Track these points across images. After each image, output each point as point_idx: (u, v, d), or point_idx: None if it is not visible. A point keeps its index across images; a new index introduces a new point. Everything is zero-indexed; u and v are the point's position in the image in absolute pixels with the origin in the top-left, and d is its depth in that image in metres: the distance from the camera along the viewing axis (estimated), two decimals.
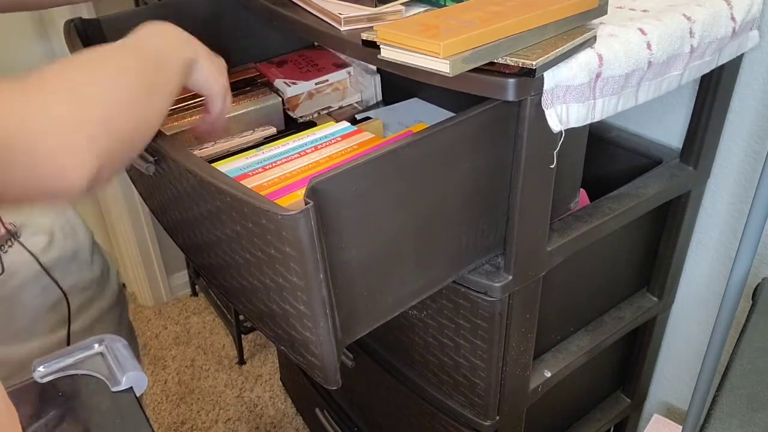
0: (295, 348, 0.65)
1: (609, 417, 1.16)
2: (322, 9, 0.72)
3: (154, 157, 0.66)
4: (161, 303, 2.09)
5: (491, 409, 0.85)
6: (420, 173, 0.60)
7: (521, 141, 0.64)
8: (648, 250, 0.99)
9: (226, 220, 0.60)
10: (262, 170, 0.74)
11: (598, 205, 0.83)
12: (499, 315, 0.75)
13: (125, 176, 0.97)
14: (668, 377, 1.21)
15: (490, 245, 0.73)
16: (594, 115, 0.65)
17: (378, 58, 0.62)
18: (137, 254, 1.95)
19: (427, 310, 0.82)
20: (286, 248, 0.54)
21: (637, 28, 0.65)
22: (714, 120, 0.87)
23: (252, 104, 0.96)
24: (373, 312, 0.65)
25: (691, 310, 1.11)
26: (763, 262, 0.96)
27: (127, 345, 0.62)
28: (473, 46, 0.56)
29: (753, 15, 0.75)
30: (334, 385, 0.64)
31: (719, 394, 0.63)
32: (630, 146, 1.00)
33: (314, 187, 0.53)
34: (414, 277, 0.66)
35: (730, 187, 0.96)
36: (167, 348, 1.92)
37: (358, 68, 1.11)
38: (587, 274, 0.91)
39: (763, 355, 0.67)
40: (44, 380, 0.59)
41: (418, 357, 0.90)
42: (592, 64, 0.61)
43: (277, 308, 0.62)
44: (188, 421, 1.69)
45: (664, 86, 0.70)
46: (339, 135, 0.80)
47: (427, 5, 0.72)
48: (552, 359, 0.92)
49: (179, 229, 0.78)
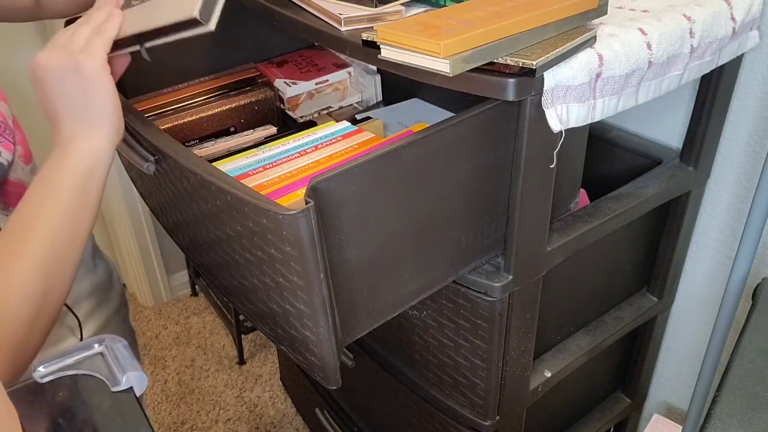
0: (295, 348, 0.65)
1: (609, 417, 1.16)
2: (322, 9, 0.72)
3: (154, 157, 0.66)
4: (161, 303, 2.09)
5: (491, 409, 0.85)
6: (420, 173, 0.60)
7: (521, 141, 0.64)
8: (648, 250, 0.99)
9: (227, 220, 0.60)
10: (262, 170, 0.74)
11: (598, 205, 0.83)
12: (499, 315, 0.75)
13: (125, 176, 0.97)
14: (668, 377, 1.21)
15: (490, 245, 0.73)
16: (594, 115, 0.65)
17: (378, 58, 0.62)
18: (137, 254, 1.95)
19: (427, 310, 0.82)
20: (287, 248, 0.54)
21: (637, 28, 0.65)
22: (714, 120, 0.87)
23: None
24: (373, 312, 0.65)
25: (691, 310, 1.11)
26: (763, 262, 0.96)
27: (127, 345, 0.62)
28: (473, 46, 0.56)
29: (753, 15, 0.75)
30: (334, 384, 0.64)
31: (719, 394, 0.63)
32: (630, 146, 1.00)
33: (315, 186, 0.53)
34: (414, 276, 0.66)
35: (730, 187, 0.96)
36: (167, 348, 1.92)
37: (358, 68, 1.11)
38: (587, 275, 0.91)
39: (763, 355, 0.67)
40: (44, 380, 0.59)
41: (418, 357, 0.90)
42: (592, 64, 0.61)
43: (277, 308, 0.62)
44: (188, 421, 1.69)
45: (664, 86, 0.70)
46: (339, 135, 0.80)
47: (427, 5, 0.72)
48: (552, 359, 0.92)
49: (179, 228, 0.78)
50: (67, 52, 0.56)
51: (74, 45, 0.57)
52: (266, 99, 1.00)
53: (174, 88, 0.99)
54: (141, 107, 0.93)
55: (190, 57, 0.56)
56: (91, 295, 0.85)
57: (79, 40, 0.57)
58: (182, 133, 0.94)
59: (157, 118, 0.93)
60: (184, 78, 1.00)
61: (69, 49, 0.56)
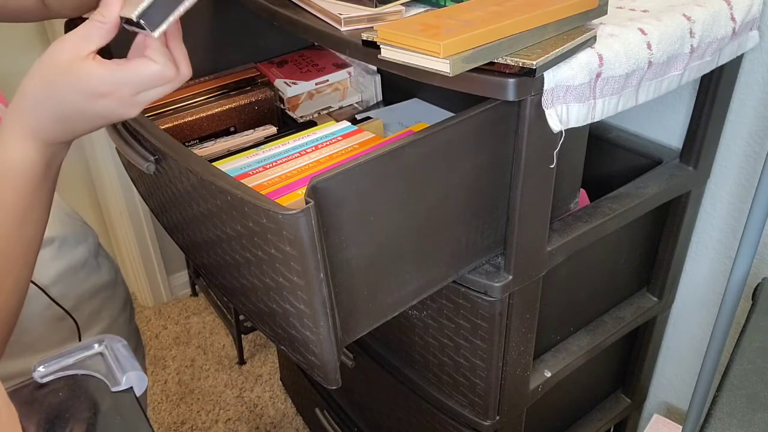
0: (295, 347, 0.65)
1: (609, 417, 1.16)
2: (322, 9, 0.72)
3: (154, 156, 0.66)
4: (161, 303, 2.09)
5: (491, 409, 0.85)
6: (420, 173, 0.60)
7: (521, 141, 0.64)
8: (648, 250, 0.99)
9: (227, 220, 0.60)
10: (262, 169, 0.74)
11: (598, 205, 0.83)
12: (499, 315, 0.75)
13: (125, 176, 0.97)
14: (668, 377, 1.21)
15: (490, 245, 0.73)
16: (594, 115, 0.65)
17: (378, 58, 0.62)
18: (137, 254, 1.95)
19: (427, 310, 0.82)
20: (287, 247, 0.54)
21: (637, 28, 0.65)
22: (714, 120, 0.87)
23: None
24: (374, 311, 0.65)
25: (691, 310, 1.11)
26: (763, 262, 0.96)
27: (127, 345, 0.62)
28: (473, 46, 0.56)
29: (753, 15, 0.75)
30: (334, 384, 0.64)
31: (719, 394, 0.63)
32: (630, 146, 1.00)
33: (315, 186, 0.53)
34: (414, 276, 0.66)
35: (730, 187, 0.96)
36: (167, 348, 1.92)
37: (358, 68, 1.11)
38: (587, 275, 0.91)
39: (763, 355, 0.67)
40: (44, 380, 0.59)
41: (418, 357, 0.90)
42: (592, 64, 0.61)
43: (277, 307, 0.62)
44: (188, 421, 1.69)
45: (664, 86, 0.70)
46: (339, 134, 0.80)
47: (427, 5, 0.72)
48: (552, 359, 0.92)
49: (179, 228, 0.78)
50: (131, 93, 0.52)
51: (142, 96, 0.53)
52: (266, 99, 1.00)
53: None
54: None
55: (190, 57, 0.55)
56: (95, 295, 0.84)
57: (151, 94, 0.53)
58: (182, 133, 0.94)
59: (157, 118, 0.93)
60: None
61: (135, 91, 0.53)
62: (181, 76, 0.54)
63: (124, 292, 0.92)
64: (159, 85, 0.53)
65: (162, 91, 0.54)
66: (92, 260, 0.86)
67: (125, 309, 0.90)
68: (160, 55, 0.52)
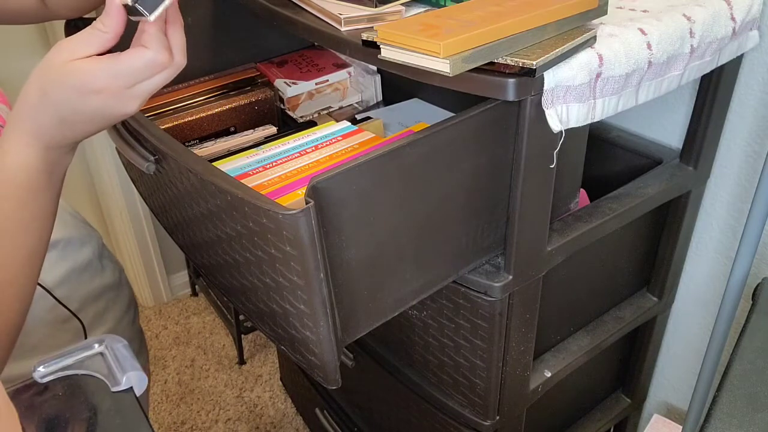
0: (295, 347, 0.65)
1: (609, 417, 1.16)
2: (322, 9, 0.72)
3: (154, 156, 0.66)
4: (161, 303, 2.09)
5: (491, 409, 0.85)
6: (420, 173, 0.60)
7: (521, 141, 0.64)
8: (648, 250, 0.99)
9: (227, 220, 0.60)
10: (262, 169, 0.74)
11: (598, 205, 0.83)
12: (499, 315, 0.75)
13: (125, 176, 0.97)
14: (668, 377, 1.21)
15: (490, 245, 0.73)
16: (594, 115, 0.65)
17: (378, 58, 0.62)
18: (137, 254, 1.95)
19: (427, 310, 0.82)
20: (287, 247, 0.54)
21: (637, 28, 0.65)
22: (714, 120, 0.87)
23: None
24: (374, 311, 0.65)
25: (691, 310, 1.11)
26: (763, 262, 0.96)
27: (127, 345, 0.62)
28: (473, 46, 0.56)
29: (753, 15, 0.75)
30: (334, 384, 0.64)
31: (719, 394, 0.63)
32: (630, 146, 1.00)
33: (315, 186, 0.53)
34: (414, 276, 0.66)
35: (730, 187, 0.96)
36: (167, 348, 1.92)
37: (358, 68, 1.11)
38: (587, 274, 0.91)
39: (763, 355, 0.67)
40: (44, 380, 0.59)
41: (418, 357, 0.90)
42: (592, 64, 0.61)
43: (277, 307, 0.62)
44: (188, 421, 1.69)
45: (664, 86, 0.70)
46: (339, 134, 0.80)
47: (427, 5, 0.72)
48: (552, 359, 0.92)
49: (179, 228, 0.78)
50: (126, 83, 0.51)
51: (137, 88, 0.52)
52: (266, 99, 1.00)
53: (174, 88, 0.99)
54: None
55: (190, 57, 0.55)
56: (100, 297, 0.84)
57: (147, 85, 0.52)
58: (182, 133, 0.94)
59: (157, 118, 0.93)
60: (184, 78, 1.00)
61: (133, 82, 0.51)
62: (176, 63, 0.52)
63: (128, 293, 0.92)
64: (153, 74, 0.51)
65: (158, 82, 0.52)
66: (97, 261, 0.85)
67: (129, 310, 0.90)
68: (155, 41, 0.51)
